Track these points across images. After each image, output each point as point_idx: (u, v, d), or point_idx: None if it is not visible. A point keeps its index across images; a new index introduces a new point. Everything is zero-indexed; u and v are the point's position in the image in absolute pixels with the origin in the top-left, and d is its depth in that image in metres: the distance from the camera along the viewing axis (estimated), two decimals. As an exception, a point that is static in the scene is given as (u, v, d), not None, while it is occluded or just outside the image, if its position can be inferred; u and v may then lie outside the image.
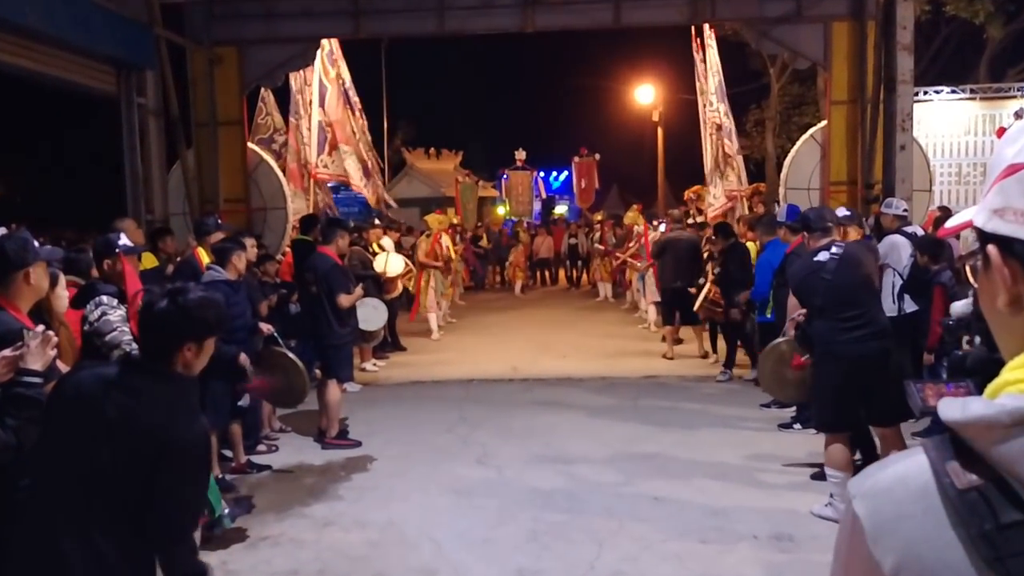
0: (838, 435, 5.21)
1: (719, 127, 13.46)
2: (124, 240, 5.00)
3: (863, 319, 5.08)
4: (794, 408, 7.48)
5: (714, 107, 13.55)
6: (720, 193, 13.58)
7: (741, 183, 13.43)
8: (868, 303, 5.14)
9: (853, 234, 6.84)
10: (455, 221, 17.06)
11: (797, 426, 7.32)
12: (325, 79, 12.67)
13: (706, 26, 13.45)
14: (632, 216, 14.25)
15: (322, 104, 12.61)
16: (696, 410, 8.22)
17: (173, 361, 2.51)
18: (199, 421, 2.47)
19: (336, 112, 12.78)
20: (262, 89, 12.41)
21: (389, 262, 10.91)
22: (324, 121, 12.69)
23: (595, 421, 7.88)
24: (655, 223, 13.62)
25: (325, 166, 12.93)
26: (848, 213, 7.04)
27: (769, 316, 7.86)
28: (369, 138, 14.00)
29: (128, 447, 2.34)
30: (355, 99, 13.44)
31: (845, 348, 5.07)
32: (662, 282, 10.69)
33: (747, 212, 12.66)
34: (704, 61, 13.93)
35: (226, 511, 5.02)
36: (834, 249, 5.19)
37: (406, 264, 11.79)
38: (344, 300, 7.12)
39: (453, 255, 14.38)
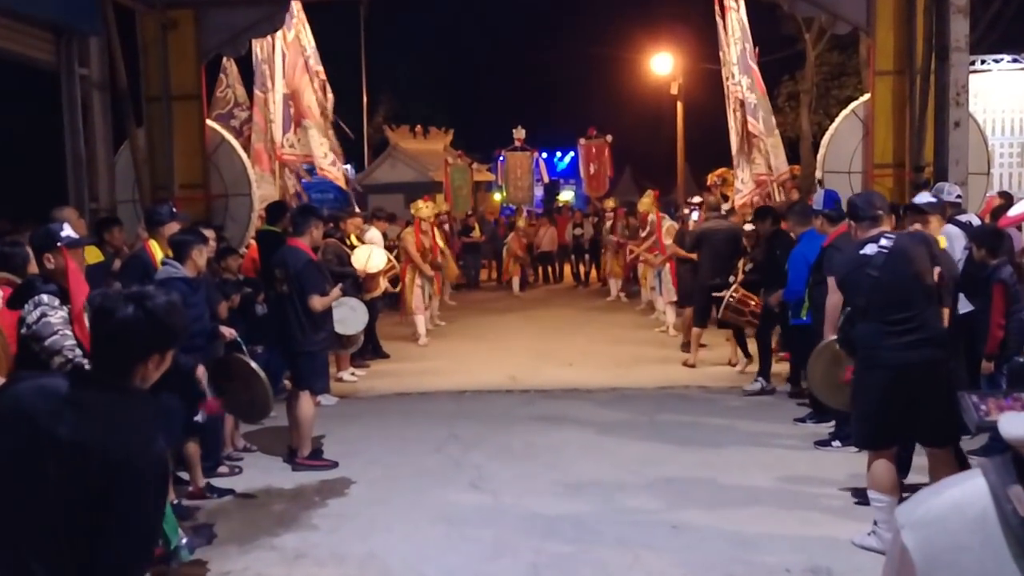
0: (882, 453, 5.21)
1: (742, 103, 13.44)
2: (67, 231, 5.00)
3: (913, 323, 5.07)
4: (832, 423, 7.49)
5: (736, 80, 13.53)
6: (748, 178, 13.59)
7: (771, 167, 13.41)
8: (920, 304, 5.11)
9: (935, 224, 6.87)
10: (444, 209, 16.98)
11: (836, 443, 7.32)
12: (283, 44, 12.65)
13: None
14: (647, 203, 14.22)
15: (284, 74, 12.62)
16: (721, 426, 8.22)
17: (132, 374, 2.51)
18: (156, 441, 2.46)
19: (295, 82, 12.77)
20: (223, 59, 12.40)
21: (370, 257, 10.90)
22: (286, 93, 12.70)
23: (606, 439, 7.88)
24: (686, 210, 13.64)
25: (291, 146, 12.94)
26: (933, 200, 7.06)
27: (804, 318, 7.88)
28: (331, 117, 13.88)
29: (74, 470, 2.33)
30: (317, 68, 13.36)
31: (891, 355, 5.06)
32: (698, 279, 10.66)
33: (782, 199, 12.65)
34: (726, 28, 13.92)
35: (183, 542, 5.01)
36: (883, 241, 5.15)
37: (388, 259, 11.79)
38: (317, 303, 7.12)
39: (444, 249, 14.38)
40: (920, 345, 5.06)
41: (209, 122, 11.39)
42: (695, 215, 13.11)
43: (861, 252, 5.22)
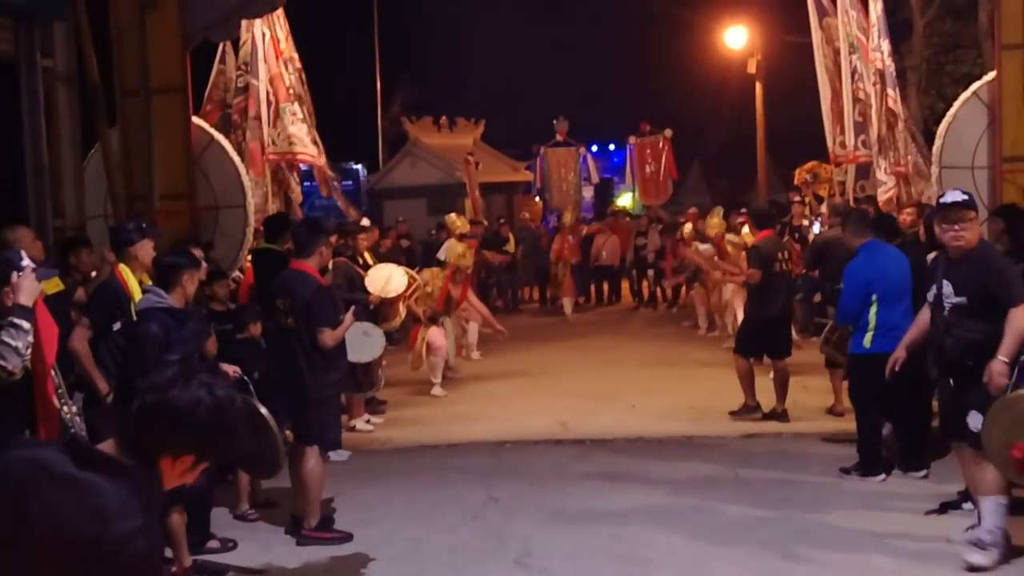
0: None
1: (882, 75, 13.24)
2: (26, 260, 5.00)
3: None
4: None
5: (875, 44, 13.29)
6: (890, 168, 13.28)
7: (905, 154, 13.13)
8: None
9: None
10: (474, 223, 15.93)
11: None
12: (263, 23, 12.66)
13: None
14: (716, 225, 13.98)
15: (265, 58, 12.68)
16: (822, 484, 8.09)
17: (154, 466, 2.51)
18: (156, 532, 2.49)
19: (273, 64, 12.80)
20: (220, 44, 12.40)
21: (389, 279, 10.86)
22: (267, 79, 12.74)
23: (680, 501, 7.78)
24: (805, 221, 13.53)
25: (273, 143, 12.94)
26: None
27: (869, 347, 8.01)
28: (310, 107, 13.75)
29: (53, 557, 2.37)
30: (292, 54, 13.27)
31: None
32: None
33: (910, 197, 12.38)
34: None
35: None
36: None
37: (410, 278, 11.71)
38: (329, 337, 7.03)
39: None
40: None
41: (196, 120, 11.40)
42: (816, 226, 12.90)
43: None
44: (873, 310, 8.06)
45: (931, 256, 8.36)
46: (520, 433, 10.14)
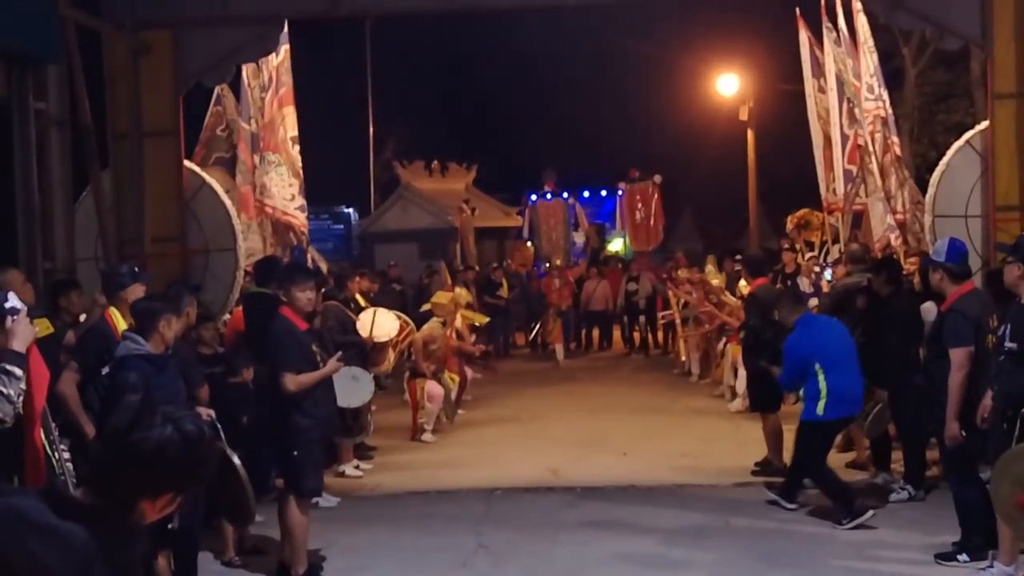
0: None
1: (884, 121, 13.39)
2: (13, 302, 4.95)
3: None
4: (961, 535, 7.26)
5: (875, 94, 13.44)
6: (885, 216, 13.32)
7: (902, 200, 13.19)
8: None
9: None
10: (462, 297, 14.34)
11: (963, 557, 7.13)
12: (270, 68, 12.72)
13: None
14: (713, 273, 14.07)
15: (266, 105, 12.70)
16: (817, 535, 8.05)
17: (134, 508, 2.48)
18: None
19: (268, 110, 12.82)
20: (218, 88, 12.43)
21: (377, 322, 10.86)
22: (260, 125, 12.75)
23: (671, 551, 7.76)
24: (816, 268, 13.59)
25: (261, 192, 12.91)
26: None
27: (822, 414, 8.24)
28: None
29: None
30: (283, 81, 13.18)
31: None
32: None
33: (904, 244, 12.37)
34: (841, 38, 13.82)
35: None
36: None
37: (402, 323, 11.73)
38: (290, 382, 6.98)
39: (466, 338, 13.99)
40: None
41: (188, 163, 11.44)
42: (828, 273, 12.93)
43: None
44: (822, 379, 8.28)
45: (927, 304, 8.47)
46: (510, 480, 10.09)
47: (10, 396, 4.42)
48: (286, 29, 12.71)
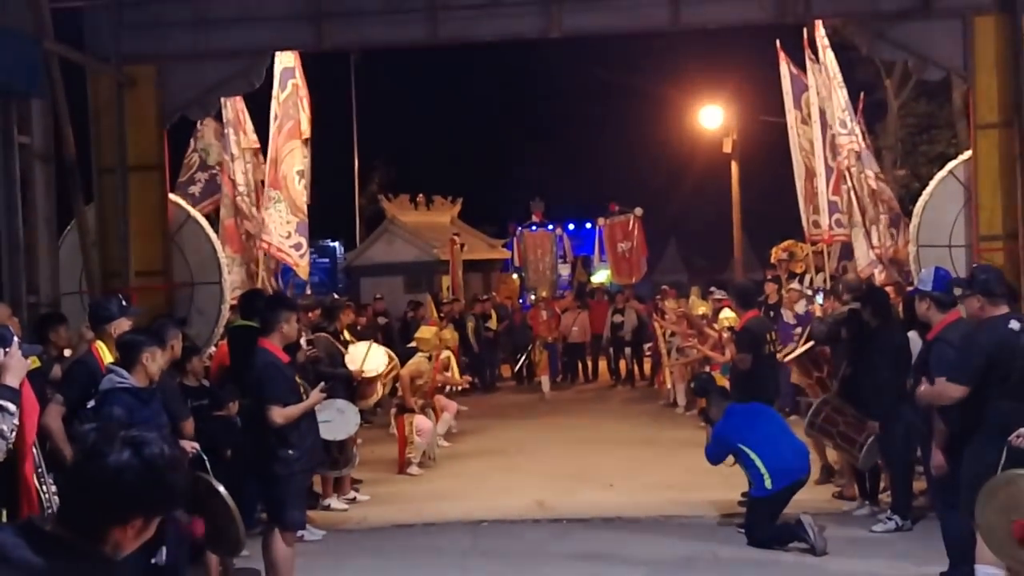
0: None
1: (859, 155, 13.52)
2: (14, 337, 4.96)
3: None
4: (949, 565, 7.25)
5: (848, 128, 13.57)
6: (868, 250, 13.42)
7: (879, 235, 13.30)
8: None
9: None
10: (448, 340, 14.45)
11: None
12: (276, 104, 12.83)
13: (818, 24, 13.53)
14: (698, 303, 14.21)
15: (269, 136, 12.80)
16: (806, 565, 8.04)
17: (106, 538, 2.44)
18: None
19: (273, 145, 12.90)
20: (197, 122, 12.51)
21: (367, 356, 10.86)
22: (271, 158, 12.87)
23: (659, 582, 7.69)
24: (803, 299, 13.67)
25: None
26: None
27: (771, 488, 8.50)
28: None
29: None
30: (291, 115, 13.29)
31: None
32: (833, 377, 10.30)
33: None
34: (821, 69, 14.00)
35: None
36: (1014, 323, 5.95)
37: (390, 358, 11.73)
38: (277, 414, 6.98)
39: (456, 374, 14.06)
40: None
41: (173, 197, 11.47)
42: (819, 298, 12.99)
43: (1008, 326, 6.14)
44: (757, 460, 8.59)
45: (911, 334, 8.49)
46: (497, 512, 10.05)
47: (3, 432, 4.38)
48: (298, 64, 12.88)
